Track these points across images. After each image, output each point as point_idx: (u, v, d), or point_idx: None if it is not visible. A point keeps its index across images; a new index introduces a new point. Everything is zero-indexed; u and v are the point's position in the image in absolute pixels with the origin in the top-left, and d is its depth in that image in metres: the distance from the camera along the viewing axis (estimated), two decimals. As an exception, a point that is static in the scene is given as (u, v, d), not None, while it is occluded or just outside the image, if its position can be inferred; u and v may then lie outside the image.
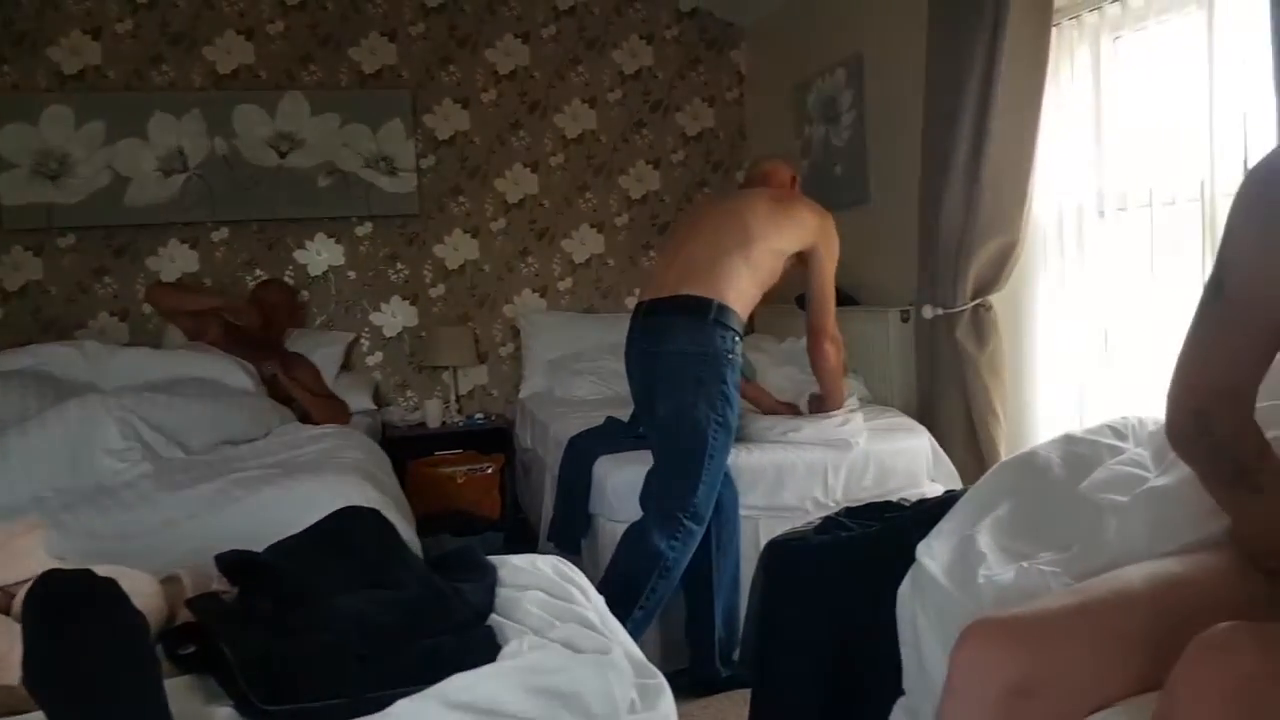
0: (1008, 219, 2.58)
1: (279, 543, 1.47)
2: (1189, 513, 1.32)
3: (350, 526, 1.49)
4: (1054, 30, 2.54)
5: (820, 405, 2.72)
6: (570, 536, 2.88)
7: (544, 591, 1.43)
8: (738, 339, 2.42)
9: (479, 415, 4.35)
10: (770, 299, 2.66)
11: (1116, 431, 1.71)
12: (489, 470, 3.92)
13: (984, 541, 1.57)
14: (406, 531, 2.51)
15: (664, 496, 2.39)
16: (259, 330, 3.67)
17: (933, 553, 1.61)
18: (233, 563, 1.39)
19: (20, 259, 3.93)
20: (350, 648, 1.12)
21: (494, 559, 1.56)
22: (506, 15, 4.35)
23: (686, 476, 2.36)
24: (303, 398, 3.47)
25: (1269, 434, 1.31)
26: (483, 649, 1.13)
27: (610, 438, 2.89)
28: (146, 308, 4.00)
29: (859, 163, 3.50)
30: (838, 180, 3.66)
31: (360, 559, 1.39)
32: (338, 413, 3.58)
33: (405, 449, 3.92)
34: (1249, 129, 2.07)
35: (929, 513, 1.80)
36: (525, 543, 3.59)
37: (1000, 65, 2.47)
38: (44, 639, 1.02)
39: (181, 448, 2.62)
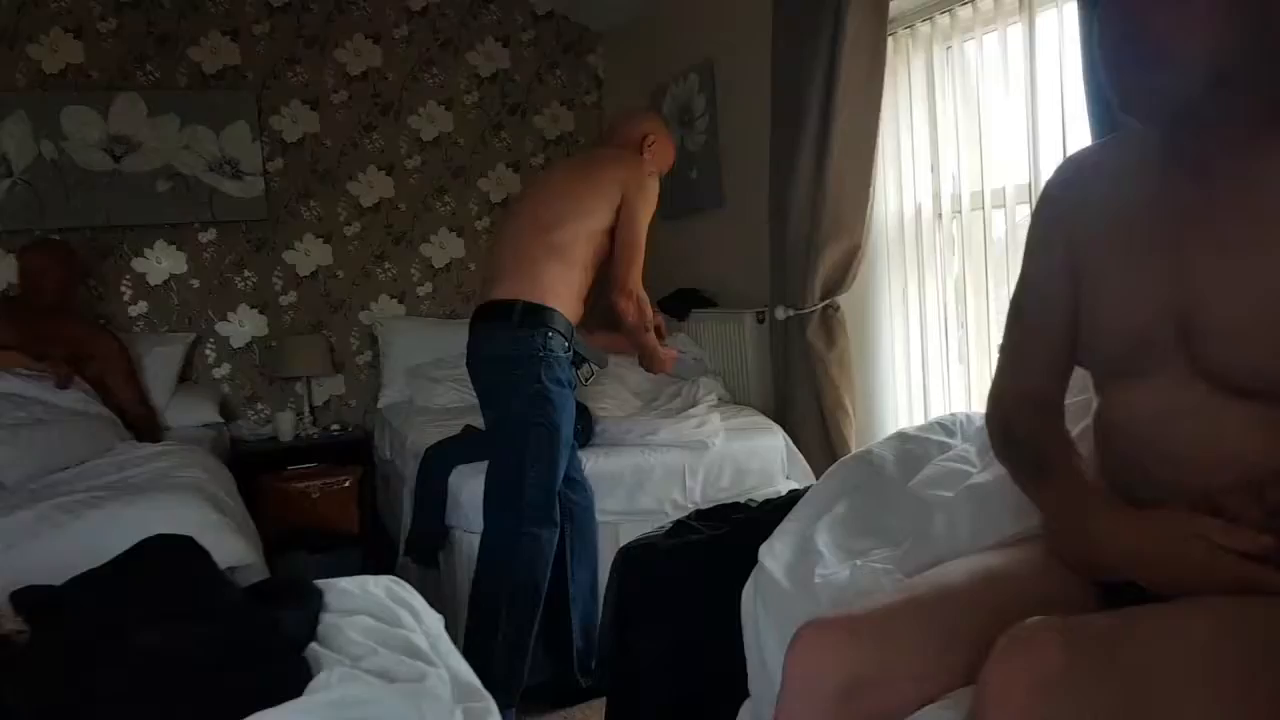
0: (851, 222, 2.65)
1: (79, 576, 1.37)
2: (1009, 506, 1.37)
3: (158, 556, 1.39)
4: (890, 39, 2.63)
5: (645, 364, 2.63)
6: (428, 550, 2.80)
7: (371, 616, 1.37)
8: (551, 335, 2.32)
9: (335, 427, 4.19)
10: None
11: (946, 428, 1.77)
12: (346, 484, 3.78)
13: (822, 540, 1.60)
14: (249, 554, 2.40)
15: (496, 506, 2.35)
16: (32, 311, 3.32)
17: (774, 553, 1.63)
18: (28, 600, 1.28)
19: None
20: (149, 687, 1.04)
21: (322, 583, 1.48)
22: (356, 15, 4.22)
23: (514, 483, 2.31)
24: (116, 409, 3.21)
25: (1075, 428, 1.39)
26: (291, 683, 1.07)
27: (468, 446, 2.83)
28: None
29: (714, 167, 3.54)
30: (694, 184, 3.70)
31: (168, 590, 1.29)
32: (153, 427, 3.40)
33: (257, 464, 3.75)
34: (1068, 135, 2.19)
35: (774, 513, 1.83)
36: (386, 558, 3.48)
37: (840, 72, 2.54)
38: None
39: None
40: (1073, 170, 1.28)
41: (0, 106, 3.71)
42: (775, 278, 2.88)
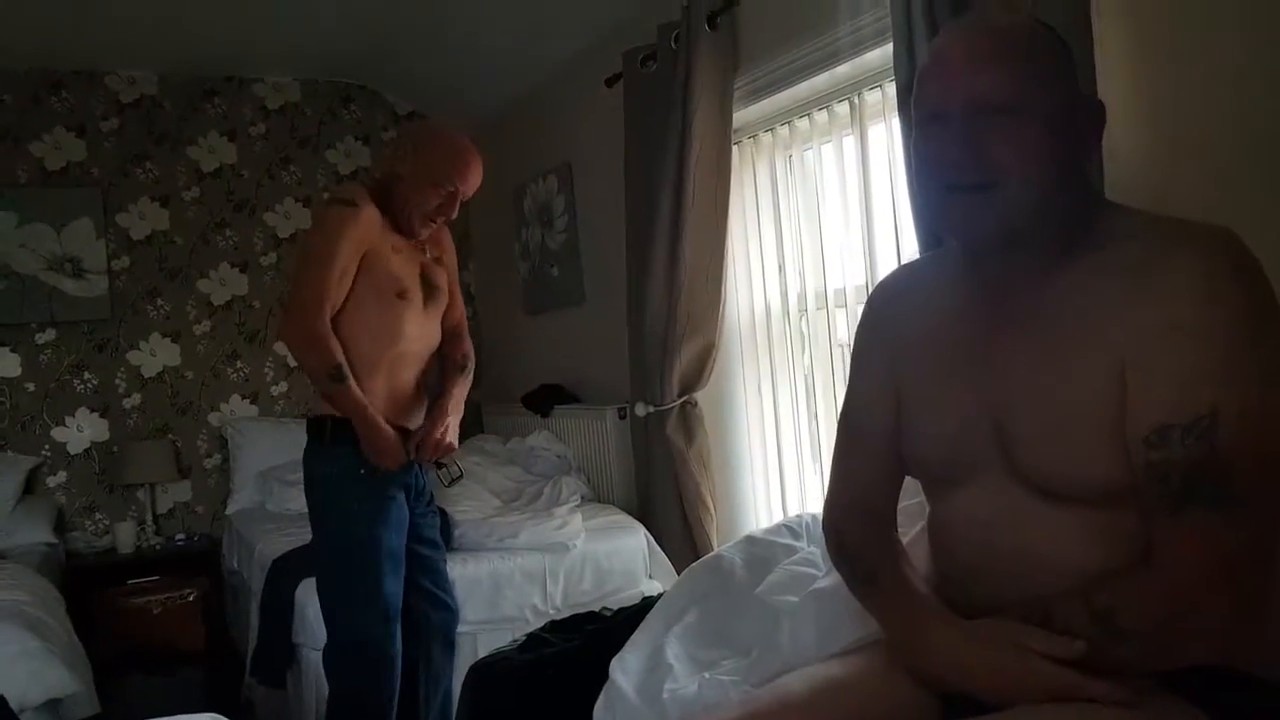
0: (705, 320, 2.71)
1: None
2: (851, 611, 1.38)
3: None
4: (735, 148, 2.74)
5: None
6: (274, 669, 2.63)
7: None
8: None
9: (180, 536, 3.94)
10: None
11: (792, 530, 1.80)
12: (190, 598, 3.54)
13: (672, 652, 1.58)
14: (73, 684, 2.23)
15: (327, 626, 2.22)
16: None
17: (625, 667, 1.60)
18: None
19: None
20: None
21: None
22: (211, 113, 4.14)
23: (323, 604, 2.21)
24: None
25: (913, 529, 1.43)
26: None
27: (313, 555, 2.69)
28: None
29: (573, 264, 3.59)
30: (554, 281, 3.73)
31: None
32: None
33: (93, 579, 3.48)
34: (901, 238, 2.32)
35: (628, 622, 1.80)
36: (232, 678, 3.25)
37: (690, 178, 2.63)
38: None
39: None
40: (890, 287, 1.35)
41: None
42: (635, 374, 2.91)
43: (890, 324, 1.30)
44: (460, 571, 2.52)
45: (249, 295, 4.19)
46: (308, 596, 2.48)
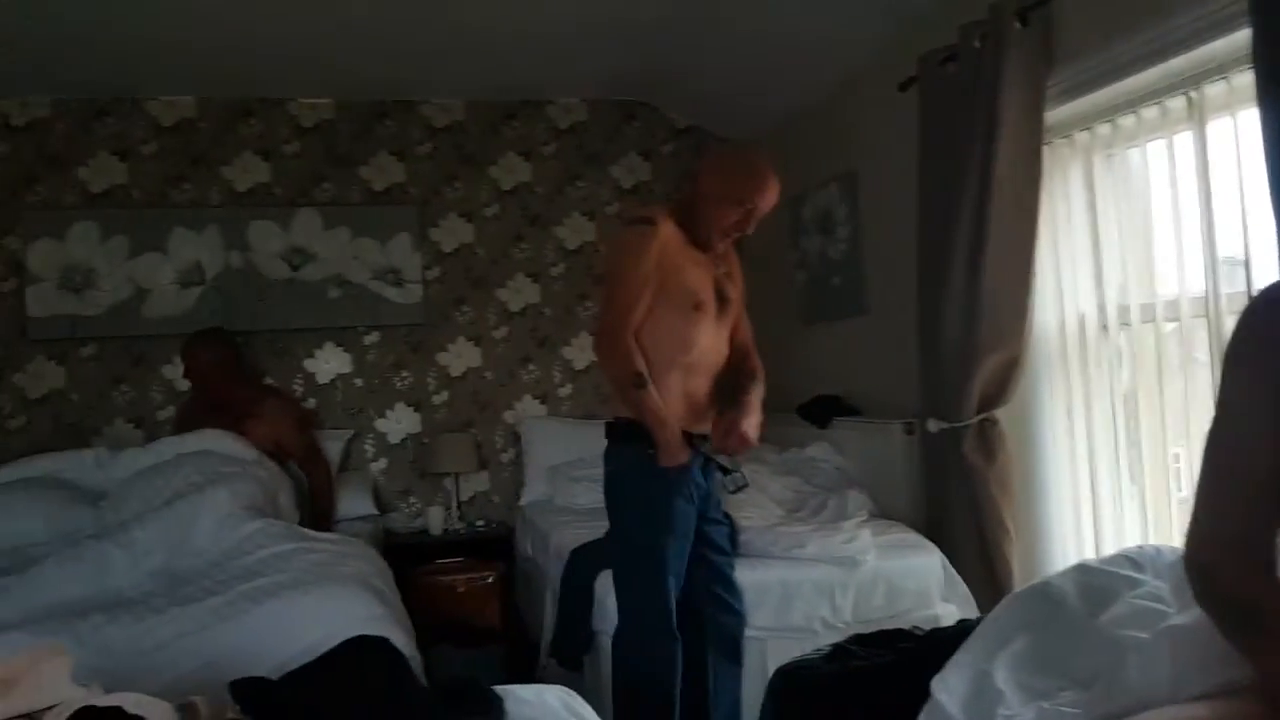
0: (1009, 333, 2.58)
1: (293, 672, 1.46)
2: (1214, 654, 1.27)
3: (361, 657, 1.49)
4: (1046, 148, 2.59)
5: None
6: (572, 653, 2.81)
7: (552, 727, 1.40)
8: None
9: (480, 522, 4.30)
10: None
11: (1133, 562, 1.67)
12: (489, 579, 3.84)
13: (1001, 677, 1.52)
14: (409, 647, 2.48)
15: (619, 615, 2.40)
16: (208, 402, 3.64)
17: (948, 688, 1.56)
18: (247, 692, 1.36)
19: (43, 368, 3.99)
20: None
21: (500, 689, 1.52)
22: (509, 135, 4.49)
23: (616, 595, 2.38)
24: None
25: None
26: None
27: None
28: (161, 414, 4.06)
29: (856, 274, 3.55)
30: (835, 291, 3.70)
31: (372, 691, 1.37)
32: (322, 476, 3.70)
33: (407, 556, 3.86)
34: (1251, 246, 2.09)
35: (943, 644, 1.75)
36: (525, 656, 3.50)
37: (994, 182, 2.52)
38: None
39: (193, 554, 2.67)
40: None
41: (196, 221, 4.11)
42: (926, 389, 2.82)
43: None
44: (749, 578, 2.56)
45: (541, 303, 4.50)
46: (606, 587, 2.62)
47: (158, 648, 2.11)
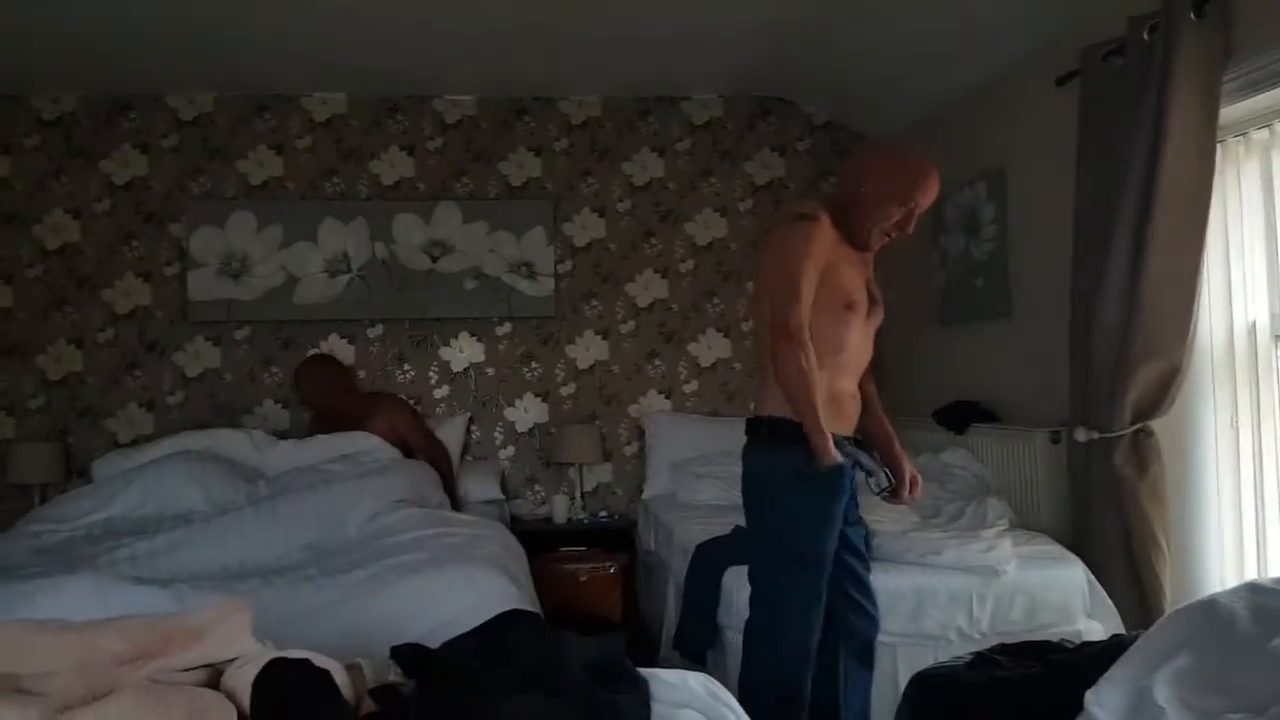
0: (1170, 341, 2.45)
1: (451, 640, 1.52)
2: None
3: (516, 630, 1.54)
4: (1218, 146, 2.45)
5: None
6: (695, 646, 2.81)
7: (698, 712, 1.41)
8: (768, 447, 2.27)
9: (603, 513, 4.36)
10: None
11: (1313, 583, 1.56)
12: (611, 570, 3.89)
13: (1162, 694, 1.46)
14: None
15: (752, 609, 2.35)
16: (327, 419, 3.89)
17: (1103, 702, 1.51)
18: (408, 657, 1.43)
19: (201, 349, 4.28)
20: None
21: (644, 671, 1.54)
22: (644, 131, 4.53)
23: (753, 590, 2.34)
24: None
25: None
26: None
27: (739, 548, 2.83)
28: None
29: (1001, 276, 3.42)
30: (977, 292, 3.59)
31: (525, 664, 1.41)
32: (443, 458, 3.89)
33: (531, 543, 3.94)
34: None
35: (1096, 657, 1.69)
36: (645, 648, 3.53)
37: (1160, 182, 2.40)
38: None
39: (342, 533, 2.84)
40: None
41: (345, 213, 4.31)
42: (1076, 397, 2.70)
43: None
44: (883, 582, 2.50)
45: (669, 299, 4.53)
46: (734, 584, 2.62)
47: (307, 615, 2.22)
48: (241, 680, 1.23)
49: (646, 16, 3.50)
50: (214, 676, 1.28)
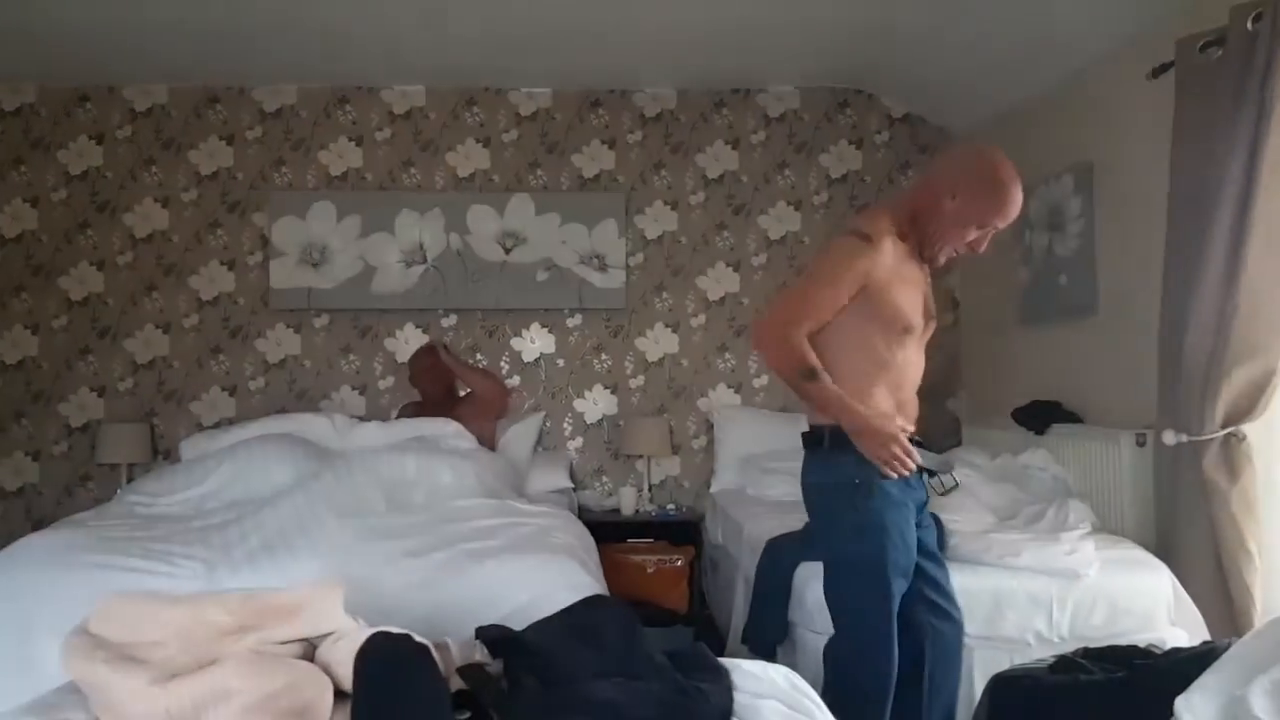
0: (1267, 342, 2.36)
1: (537, 623, 1.57)
2: None
3: (600, 615, 1.58)
4: (1326, 141, 2.35)
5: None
6: (765, 642, 2.80)
7: (781, 703, 1.41)
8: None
9: (670, 506, 4.37)
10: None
11: None
12: (679, 563, 3.91)
13: (1259, 705, 1.42)
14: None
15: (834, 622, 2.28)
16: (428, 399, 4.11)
17: (1194, 709, 1.47)
18: (494, 637, 1.46)
19: (282, 335, 4.41)
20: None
21: (726, 661, 1.55)
22: (719, 123, 4.52)
23: (829, 604, 2.26)
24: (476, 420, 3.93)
25: None
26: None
27: (810, 546, 2.81)
28: (382, 384, 4.40)
29: (1087, 272, 3.33)
30: (1062, 290, 3.50)
31: (609, 648, 1.44)
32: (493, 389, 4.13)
33: (598, 533, 3.97)
34: None
35: (1185, 664, 1.64)
36: (711, 642, 3.52)
37: (1261, 179, 2.31)
38: (376, 695, 1.18)
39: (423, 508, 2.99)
40: None
41: (421, 204, 4.39)
42: (1165, 398, 2.62)
43: None
44: (960, 583, 2.45)
45: (739, 292, 4.51)
46: (805, 581, 2.61)
47: (389, 595, 2.28)
48: (336, 654, 1.28)
49: (722, 8, 3.48)
50: (309, 650, 1.33)
